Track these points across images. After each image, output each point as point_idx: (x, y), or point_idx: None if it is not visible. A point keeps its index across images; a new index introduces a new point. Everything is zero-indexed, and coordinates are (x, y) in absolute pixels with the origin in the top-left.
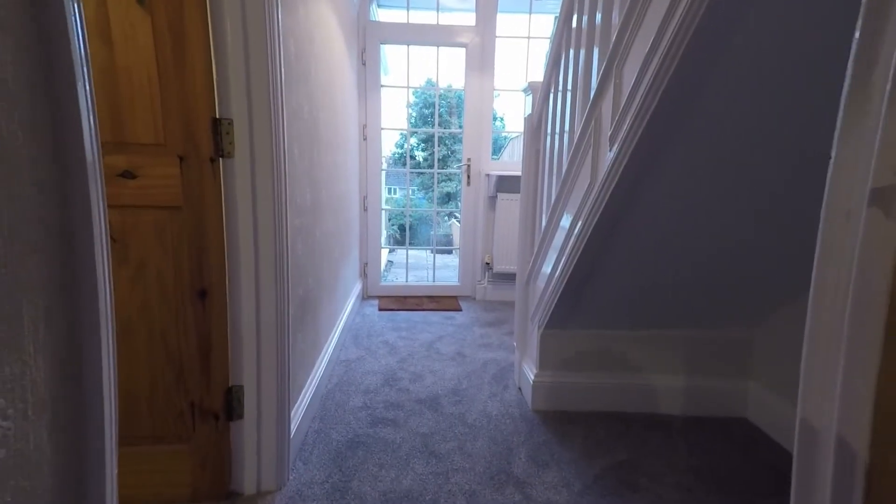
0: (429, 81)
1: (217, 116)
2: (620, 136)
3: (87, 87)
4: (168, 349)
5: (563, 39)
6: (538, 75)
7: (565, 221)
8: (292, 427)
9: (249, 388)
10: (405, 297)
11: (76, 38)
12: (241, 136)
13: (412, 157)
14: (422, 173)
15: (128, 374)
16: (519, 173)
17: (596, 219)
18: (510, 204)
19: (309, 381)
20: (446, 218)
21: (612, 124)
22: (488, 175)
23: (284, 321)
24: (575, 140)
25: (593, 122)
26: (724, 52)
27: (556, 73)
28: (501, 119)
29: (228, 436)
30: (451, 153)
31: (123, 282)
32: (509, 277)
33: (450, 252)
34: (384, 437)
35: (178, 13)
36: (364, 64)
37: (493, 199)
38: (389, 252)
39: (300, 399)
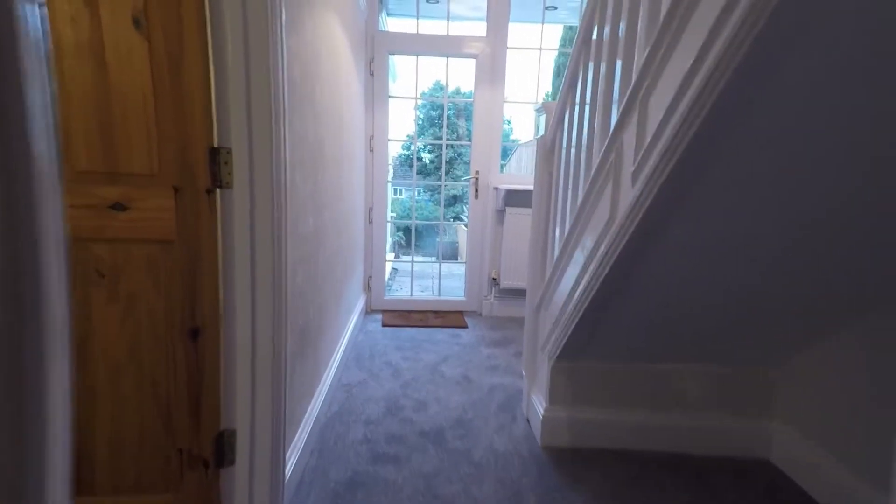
0: (437, 83)
1: (215, 145)
2: (645, 174)
3: (48, 95)
4: (157, 391)
5: (580, 58)
6: (549, 85)
7: (580, 254)
8: (288, 467)
9: (242, 433)
10: (409, 312)
11: (27, 36)
12: (241, 165)
13: (419, 159)
14: (428, 175)
15: (113, 419)
16: (528, 187)
17: (615, 255)
18: (519, 219)
19: (307, 412)
20: (452, 220)
21: (635, 161)
22: (497, 188)
23: (281, 361)
24: (593, 170)
25: (613, 154)
26: (762, 93)
27: (573, 96)
28: (508, 122)
29: (218, 484)
30: (458, 156)
31: (112, 320)
32: (516, 293)
33: (456, 258)
34: (385, 476)
35: (177, 38)
36: (372, 74)
37: (501, 213)
38: (395, 258)
39: (297, 434)
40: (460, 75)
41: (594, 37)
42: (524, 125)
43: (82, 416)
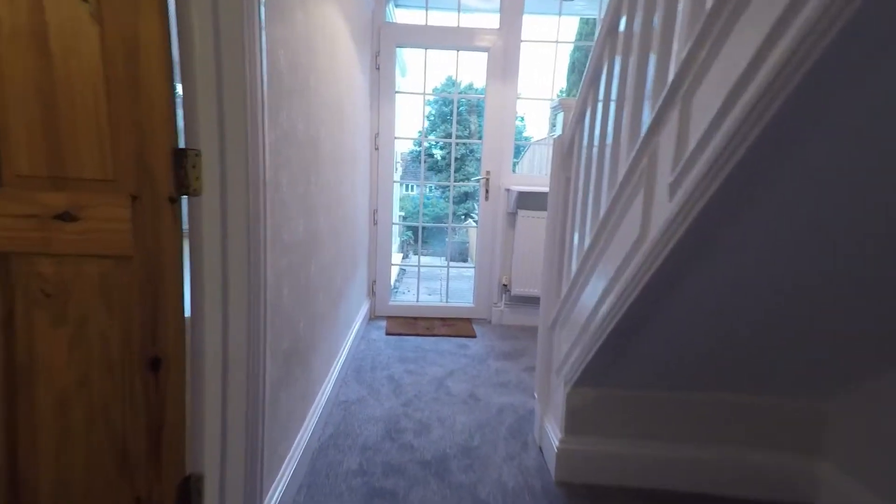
0: (449, 79)
1: (181, 146)
2: (686, 186)
3: None
4: (111, 430)
5: (604, 51)
6: (563, 81)
7: (603, 272)
8: None
9: (211, 478)
10: (415, 320)
11: None
12: (211, 169)
13: (430, 156)
14: (440, 171)
15: (59, 462)
16: (542, 189)
17: (646, 279)
18: (532, 222)
19: (297, 440)
20: (463, 217)
21: (673, 170)
22: (508, 190)
23: (259, 392)
24: (619, 178)
25: (645, 159)
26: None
27: (595, 92)
28: (521, 118)
29: None
30: (470, 152)
31: (59, 347)
32: (528, 301)
33: (465, 259)
34: None
35: (133, 20)
36: (378, 68)
37: (513, 216)
38: (402, 258)
39: (282, 470)
40: (473, 69)
41: (622, 28)
42: (537, 122)
43: (21, 458)
